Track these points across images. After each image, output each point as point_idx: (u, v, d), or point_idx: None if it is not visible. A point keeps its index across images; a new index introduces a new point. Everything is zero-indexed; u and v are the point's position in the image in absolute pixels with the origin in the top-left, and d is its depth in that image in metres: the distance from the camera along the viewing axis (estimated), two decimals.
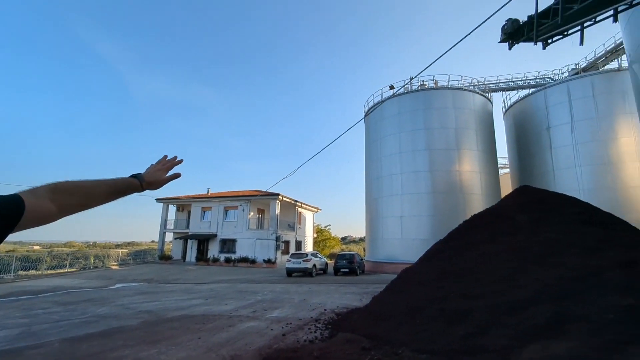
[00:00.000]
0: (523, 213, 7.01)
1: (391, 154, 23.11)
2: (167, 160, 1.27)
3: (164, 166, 1.23)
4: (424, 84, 24.15)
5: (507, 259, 6.01)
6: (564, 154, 21.15)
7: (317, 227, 43.68)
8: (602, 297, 4.82)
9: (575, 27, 6.45)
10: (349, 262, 19.90)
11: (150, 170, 1.19)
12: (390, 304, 6.78)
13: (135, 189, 1.09)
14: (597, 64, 23.06)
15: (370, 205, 24.63)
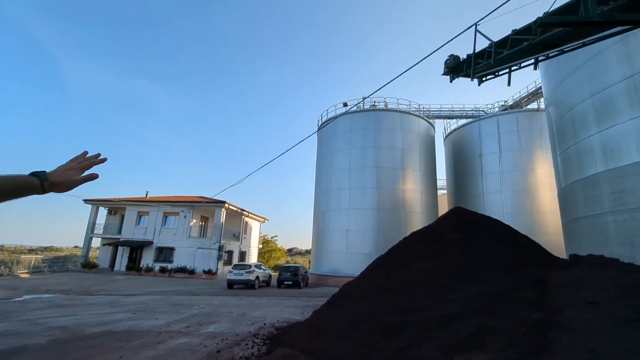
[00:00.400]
0: (455, 232, 7.60)
1: (341, 168, 23.70)
2: (85, 157, 1.06)
3: (79, 164, 1.02)
4: (375, 104, 25.38)
5: (440, 275, 6.43)
6: (492, 180, 23.51)
7: (263, 237, 42.78)
8: (517, 312, 5.35)
9: (505, 69, 7.30)
10: (293, 274, 19.71)
11: (61, 169, 0.99)
12: (331, 318, 6.82)
13: (34, 190, 0.90)
14: (521, 103, 26.30)
15: (318, 218, 24.85)
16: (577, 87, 12.40)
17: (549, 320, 5.14)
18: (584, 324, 4.90)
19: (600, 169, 11.14)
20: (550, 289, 5.71)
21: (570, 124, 12.73)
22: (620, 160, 10.44)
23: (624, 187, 10.23)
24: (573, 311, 5.11)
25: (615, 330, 4.62)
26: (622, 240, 10.24)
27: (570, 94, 12.82)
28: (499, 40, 6.62)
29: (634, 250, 9.86)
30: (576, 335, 4.74)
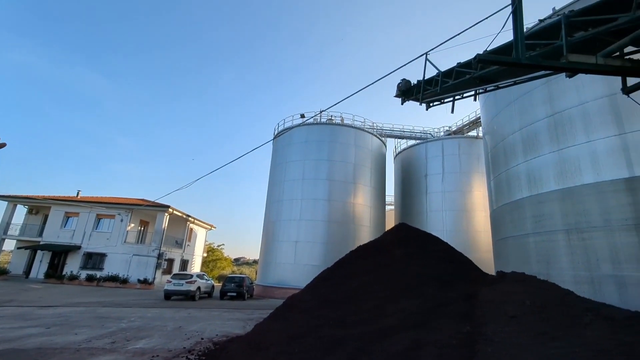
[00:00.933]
0: (399, 248, 7.92)
1: (294, 179, 23.67)
2: None
3: None
4: (331, 118, 25.95)
5: (382, 289, 6.61)
6: (435, 199, 25.11)
7: (208, 245, 40.82)
8: (449, 325, 5.66)
9: (449, 97, 7.92)
10: (238, 285, 18.99)
11: None
12: (272, 332, 6.63)
13: None
14: (463, 130, 28.70)
15: (268, 228, 24.41)
16: (509, 120, 13.85)
17: (476, 333, 5.50)
18: (506, 336, 5.32)
19: (525, 194, 12.45)
20: (479, 303, 6.15)
21: (503, 152, 14.12)
22: (541, 187, 11.77)
23: (543, 212, 11.53)
24: (497, 324, 5.53)
25: (531, 342, 5.08)
26: (540, 258, 11.45)
27: (503, 126, 14.27)
28: (446, 70, 7.16)
29: (549, 268, 11.06)
30: (498, 347, 5.12)
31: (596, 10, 3.97)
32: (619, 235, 9.29)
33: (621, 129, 9.73)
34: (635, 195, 9.15)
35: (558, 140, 11.37)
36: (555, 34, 4.25)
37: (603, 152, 10.02)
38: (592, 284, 9.71)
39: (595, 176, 10.11)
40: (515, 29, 3.78)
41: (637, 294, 8.70)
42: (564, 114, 11.36)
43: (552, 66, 3.54)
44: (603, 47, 3.95)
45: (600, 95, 10.26)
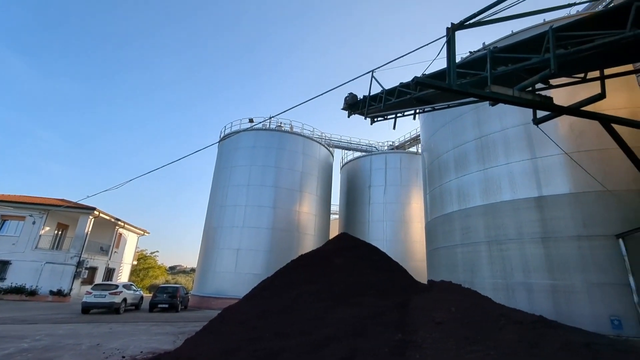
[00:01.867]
0: (339, 257, 8.06)
1: (239, 184, 22.97)
2: None
3: None
4: (281, 125, 25.84)
5: (321, 298, 6.63)
6: (377, 210, 26.20)
7: (140, 252, 37.55)
8: (383, 333, 5.85)
9: (392, 114, 8.37)
10: (171, 296, 17.64)
11: None
12: (204, 347, 6.23)
13: None
14: (405, 145, 30.59)
15: (209, 235, 23.24)
16: (444, 140, 15.08)
17: (407, 340, 5.75)
18: (433, 342, 5.65)
19: (455, 208, 13.57)
20: (411, 311, 6.47)
21: (438, 168, 15.29)
22: (469, 202, 12.93)
23: (469, 225, 12.66)
24: (425, 331, 5.85)
25: (454, 347, 5.45)
26: (466, 268, 12.51)
27: (439, 144, 15.48)
28: (389, 89, 7.57)
29: (473, 276, 12.11)
30: (426, 352, 5.41)
31: (515, 49, 4.51)
32: (528, 247, 10.54)
33: (533, 154, 11.14)
34: (542, 212, 10.49)
35: (484, 161, 12.63)
36: (483, 66, 4.72)
37: (518, 173, 11.36)
38: (507, 291, 10.82)
39: (512, 194, 11.39)
40: (448, 58, 4.14)
41: (541, 299, 9.90)
42: (489, 138, 12.68)
43: (477, 94, 3.93)
44: (520, 82, 4.46)
45: (518, 123, 11.66)
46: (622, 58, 3.93)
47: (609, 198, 8.88)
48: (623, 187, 9.04)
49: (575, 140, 10.39)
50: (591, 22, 3.81)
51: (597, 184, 8.71)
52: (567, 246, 9.83)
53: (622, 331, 8.54)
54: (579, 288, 9.33)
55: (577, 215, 9.82)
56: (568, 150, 10.25)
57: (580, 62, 3.98)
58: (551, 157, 10.47)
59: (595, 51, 3.59)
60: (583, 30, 3.81)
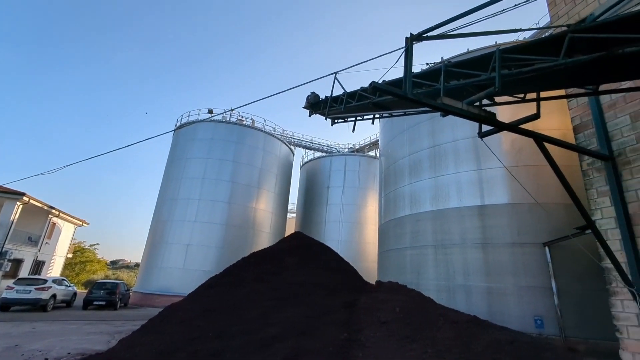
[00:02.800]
0: (291, 256, 8.01)
1: (194, 177, 21.98)
2: None
3: None
4: (242, 119, 25.18)
5: (269, 297, 6.53)
6: (334, 210, 26.54)
7: (77, 245, 34.46)
8: (329, 332, 5.91)
9: (352, 117, 8.50)
10: (109, 292, 16.37)
11: None
12: (140, 347, 5.84)
13: None
14: (364, 149, 31.35)
15: (157, 229, 21.94)
16: (400, 146, 15.66)
17: (352, 339, 5.86)
18: (376, 341, 5.82)
19: (407, 212, 14.15)
20: (358, 311, 6.62)
21: (393, 173, 15.84)
22: (419, 207, 13.55)
23: (419, 229, 13.27)
24: (370, 330, 6.01)
25: (395, 345, 5.65)
26: (413, 270, 13.09)
27: (396, 150, 16.05)
28: (351, 92, 7.66)
29: (419, 278, 12.70)
30: (369, 351, 5.55)
31: (467, 65, 4.78)
32: (470, 252, 11.28)
33: (479, 165, 11.96)
34: (483, 220, 11.29)
35: (435, 169, 13.31)
36: (438, 78, 4.94)
37: (465, 183, 12.12)
38: (449, 292, 11.49)
39: (458, 202, 12.12)
40: (405, 67, 4.28)
41: (478, 300, 10.66)
42: (441, 147, 13.39)
43: (429, 104, 4.10)
44: (469, 96, 4.73)
45: (467, 135, 12.44)
46: (556, 83, 4.34)
47: (540, 210, 9.78)
48: (552, 201, 10.01)
49: (515, 155, 11.32)
50: (534, 48, 4.14)
51: (530, 197, 9.55)
52: (503, 252, 10.67)
53: (543, 330, 9.45)
54: (510, 290, 10.17)
55: (512, 224, 10.71)
56: (509, 164, 11.14)
57: (521, 83, 4.31)
58: (494, 169, 11.30)
59: (533, 74, 3.90)
60: (526, 54, 4.13)
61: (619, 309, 5.13)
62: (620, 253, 5.15)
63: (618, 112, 5.67)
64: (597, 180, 5.85)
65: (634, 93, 5.45)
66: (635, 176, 5.21)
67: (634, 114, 5.47)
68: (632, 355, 4.90)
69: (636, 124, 5.36)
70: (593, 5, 6.56)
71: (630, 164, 5.32)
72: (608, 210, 5.52)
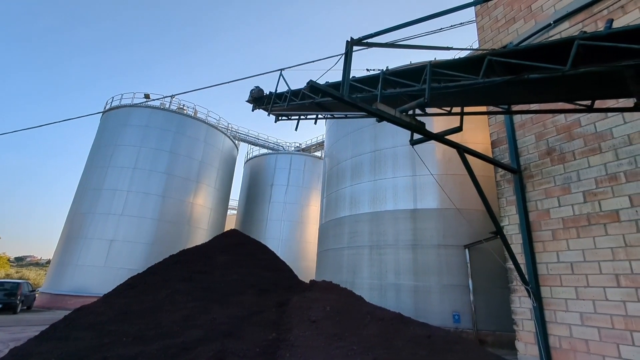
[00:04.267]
0: (224, 254, 7.69)
1: (123, 166, 20.05)
2: None
3: None
4: (183, 107, 23.67)
5: (196, 297, 6.18)
6: (277, 209, 26.28)
7: None
8: (257, 333, 5.76)
9: (295, 116, 8.44)
10: (9, 294, 14.17)
11: None
12: (37, 356, 5.09)
13: None
14: (311, 149, 31.60)
15: (74, 221, 19.56)
16: (344, 148, 16.06)
17: (280, 339, 5.80)
18: (305, 340, 5.82)
19: (347, 213, 14.56)
20: (289, 310, 6.57)
21: (336, 175, 16.18)
22: (358, 209, 14.03)
23: (357, 229, 13.73)
24: (300, 329, 6.00)
25: (323, 343, 5.71)
26: (350, 269, 13.50)
27: (339, 152, 16.42)
28: (295, 90, 7.61)
29: (355, 276, 13.14)
30: (297, 351, 5.53)
31: (403, 75, 5.02)
32: (402, 252, 11.97)
33: (414, 171, 12.75)
34: (415, 223, 12.07)
35: (375, 172, 13.89)
36: (377, 85, 5.10)
37: (401, 187, 12.84)
38: (380, 290, 12.06)
39: (394, 205, 12.79)
40: (344, 71, 4.35)
41: (406, 297, 11.35)
42: (382, 152, 14.01)
43: (364, 108, 4.21)
44: (403, 105, 4.96)
45: (405, 143, 13.15)
46: (476, 100, 4.78)
47: (462, 215, 10.74)
48: (473, 207, 11.06)
49: (446, 164, 12.29)
50: (460, 66, 4.48)
51: (455, 203, 10.45)
52: (430, 253, 11.51)
53: (460, 324, 10.40)
54: (434, 288, 11.01)
55: (439, 227, 11.61)
56: (439, 172, 12.07)
57: (447, 97, 4.66)
58: (426, 176, 12.14)
59: (458, 90, 4.22)
60: (454, 70, 4.45)
61: (517, 304, 5.83)
62: (520, 255, 5.85)
63: (526, 131, 6.45)
64: (507, 190, 6.58)
65: (539, 115, 6.24)
66: (536, 188, 5.97)
67: (538, 134, 6.26)
68: (525, 345, 5.60)
69: (539, 142, 6.15)
70: (513, 35, 7.37)
71: (533, 178, 6.08)
72: (514, 218, 6.25)
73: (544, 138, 6.18)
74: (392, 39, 5.70)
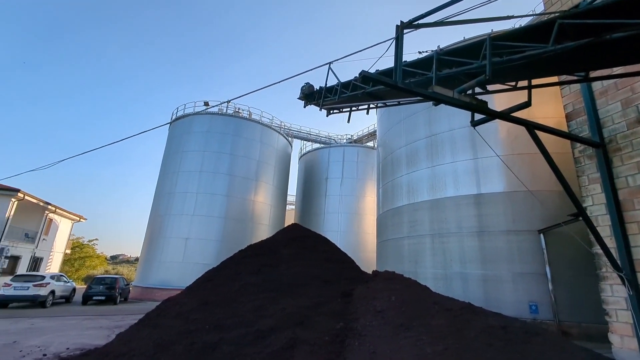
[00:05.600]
0: (288, 248, 8.05)
1: (191, 170, 21.95)
2: None
3: None
4: (238, 111, 25.02)
5: (265, 289, 6.59)
6: (333, 201, 26.61)
7: (75, 240, 34.52)
8: (324, 322, 5.98)
9: (346, 108, 8.45)
10: (109, 287, 16.49)
11: None
12: (138, 341, 5.91)
13: None
14: (363, 139, 31.26)
15: (155, 223, 21.99)
16: (398, 136, 15.63)
17: (348, 328, 5.94)
18: (372, 329, 5.89)
19: (405, 202, 14.21)
20: (354, 300, 6.69)
21: (391, 164, 15.85)
22: (417, 197, 13.60)
23: (417, 218, 13.34)
24: (366, 319, 6.09)
25: (390, 333, 5.73)
26: (411, 259, 13.20)
27: (393, 140, 16.02)
28: (345, 82, 7.60)
29: (417, 267, 12.83)
30: (365, 340, 5.63)
31: (459, 53, 4.73)
32: (466, 240, 11.37)
33: (475, 154, 11.96)
34: (479, 209, 11.35)
35: (432, 158, 13.31)
36: (430, 67, 4.89)
37: (462, 172, 12.14)
38: (446, 280, 11.62)
39: (455, 191, 12.16)
40: (396, 56, 4.23)
41: (474, 287, 10.79)
42: (438, 137, 13.37)
43: (420, 93, 4.07)
44: (461, 85, 4.70)
45: (463, 125, 12.40)
46: (546, 70, 4.31)
47: (534, 198, 9.83)
48: (546, 188, 10.05)
49: (511, 143, 11.32)
50: (524, 35, 4.09)
51: (524, 185, 9.59)
52: (498, 239, 10.76)
53: (538, 315, 9.60)
54: (506, 277, 10.29)
55: (508, 212, 10.77)
56: (504, 152, 11.15)
57: (512, 71, 4.28)
58: (490, 158, 11.31)
59: (524, 62, 3.87)
60: (516, 41, 4.08)
61: (608, 293, 5.21)
62: (609, 239, 5.20)
63: (610, 99, 5.66)
64: (588, 167, 5.87)
65: (625, 79, 5.44)
66: (626, 163, 5.23)
67: (625, 101, 5.46)
68: (621, 337, 4.99)
69: (627, 110, 5.36)
70: None
71: (620, 151, 5.33)
72: (599, 197, 5.55)
73: (632, 104, 5.36)
74: (442, 17, 5.38)
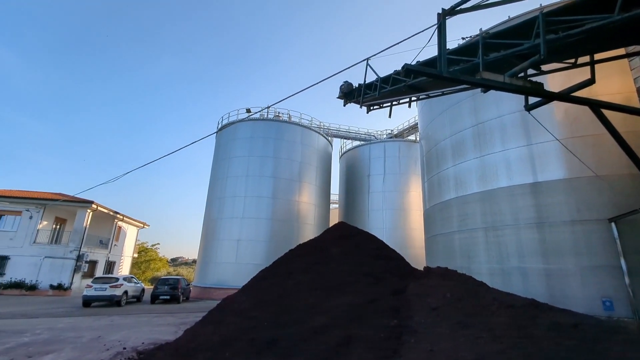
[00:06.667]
0: (336, 246, 8.14)
1: (238, 175, 23.00)
2: None
3: None
4: (279, 115, 25.71)
5: (317, 287, 6.73)
6: (376, 198, 26.29)
7: (140, 245, 37.79)
8: (378, 319, 5.97)
9: (387, 103, 8.33)
10: (172, 287, 17.87)
11: None
12: (203, 337, 6.36)
13: None
14: (403, 134, 30.48)
15: (208, 226, 23.38)
16: (441, 127, 15.03)
17: (402, 325, 5.88)
18: (428, 327, 5.77)
19: (453, 195, 13.63)
20: (407, 298, 6.59)
21: (435, 156, 15.29)
22: (466, 189, 12.98)
23: (467, 212, 12.74)
24: (420, 316, 5.97)
25: (447, 330, 5.56)
26: (463, 254, 12.64)
27: (436, 132, 15.45)
28: (384, 77, 7.51)
29: (470, 262, 12.26)
30: (421, 337, 5.53)
31: (507, 34, 4.47)
32: (524, 232, 10.64)
33: (529, 140, 11.14)
34: (537, 198, 10.56)
35: (480, 148, 12.63)
36: (475, 53, 4.68)
37: (515, 160, 11.38)
38: (502, 275, 10.97)
39: (508, 180, 11.43)
40: (439, 45, 4.11)
41: (536, 283, 10.06)
42: (485, 125, 12.65)
43: (468, 81, 3.92)
44: (511, 68, 4.44)
45: (514, 110, 11.61)
46: (612, 42, 3.91)
47: (601, 183, 8.92)
48: (616, 172, 9.08)
49: (570, 126, 10.38)
50: (581, 7, 3.77)
51: (590, 170, 8.74)
52: (561, 231, 9.92)
53: (613, 312, 8.71)
54: (572, 271, 9.47)
55: (570, 200, 9.89)
56: (563, 135, 10.24)
57: (570, 47, 3.95)
58: (546, 143, 10.47)
59: (584, 36, 3.56)
60: (573, 14, 3.77)
61: None
62: None
63: None
64: None
65: None
66: None
67: None
68: None
69: None
70: None
71: None
72: None
73: None
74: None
